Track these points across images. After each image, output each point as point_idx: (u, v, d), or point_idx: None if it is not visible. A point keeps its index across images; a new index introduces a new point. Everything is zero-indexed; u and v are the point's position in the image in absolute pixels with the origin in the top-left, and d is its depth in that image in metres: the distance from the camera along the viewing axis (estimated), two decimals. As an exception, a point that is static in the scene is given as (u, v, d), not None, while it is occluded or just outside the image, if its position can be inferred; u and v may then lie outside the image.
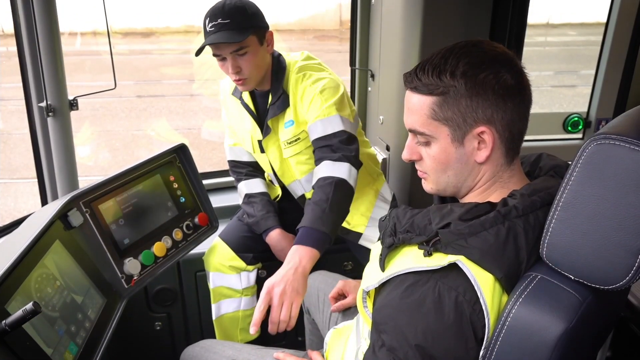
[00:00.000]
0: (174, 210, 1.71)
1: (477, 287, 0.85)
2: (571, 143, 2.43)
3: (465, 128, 0.93)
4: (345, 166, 1.62)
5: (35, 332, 1.09)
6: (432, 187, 1.03)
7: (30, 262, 1.16)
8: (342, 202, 1.59)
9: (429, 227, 0.92)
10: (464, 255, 0.87)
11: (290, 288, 1.36)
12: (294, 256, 1.42)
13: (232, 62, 1.67)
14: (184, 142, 1.78)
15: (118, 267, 1.48)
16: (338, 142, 1.65)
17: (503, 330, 0.84)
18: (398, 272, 0.92)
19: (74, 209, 1.40)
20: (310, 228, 1.48)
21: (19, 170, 5.65)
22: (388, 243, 0.96)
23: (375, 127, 2.37)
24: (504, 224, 0.89)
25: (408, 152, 1.01)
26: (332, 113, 1.68)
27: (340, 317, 1.57)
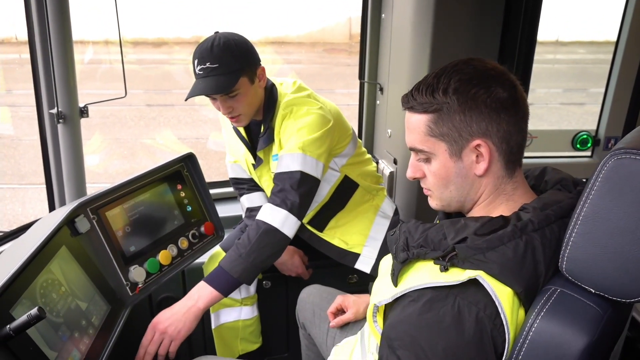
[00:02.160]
0: (180, 218, 1.71)
1: (497, 302, 0.85)
2: (580, 161, 2.42)
3: (461, 142, 0.95)
4: (281, 213, 1.59)
5: (39, 338, 1.09)
6: (437, 204, 1.05)
7: (36, 267, 1.17)
8: (264, 251, 1.55)
9: (444, 242, 0.93)
10: (483, 270, 0.88)
11: (173, 327, 1.43)
12: (194, 293, 1.50)
13: (224, 103, 1.66)
14: (192, 152, 1.78)
15: (123, 274, 1.48)
16: (288, 185, 1.61)
17: (525, 344, 0.84)
18: (414, 287, 0.92)
19: (81, 215, 1.40)
20: (222, 269, 1.53)
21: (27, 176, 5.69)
22: (402, 258, 0.96)
23: (383, 141, 2.38)
24: (521, 238, 0.90)
25: (412, 171, 1.04)
26: (297, 151, 1.64)
27: (338, 332, 1.56)
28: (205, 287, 1.50)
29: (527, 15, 1.84)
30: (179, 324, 1.44)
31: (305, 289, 1.77)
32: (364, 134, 2.53)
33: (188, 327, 1.45)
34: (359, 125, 2.56)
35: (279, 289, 2.13)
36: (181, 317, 1.44)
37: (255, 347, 2.04)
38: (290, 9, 10.99)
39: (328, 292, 1.72)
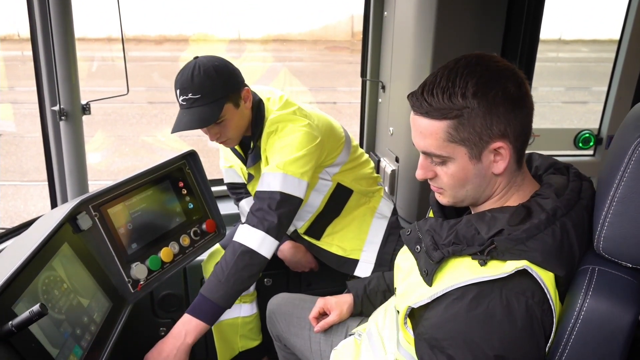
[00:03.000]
0: (182, 216, 1.71)
1: (545, 289, 0.89)
2: (582, 159, 2.42)
3: (481, 145, 0.95)
4: (259, 235, 1.55)
5: (41, 334, 1.09)
6: (448, 201, 1.04)
7: (38, 264, 1.17)
8: (242, 274, 1.52)
9: (477, 236, 0.94)
10: (526, 259, 0.90)
11: None
12: (180, 330, 1.47)
13: (210, 130, 1.64)
14: (193, 149, 1.79)
15: (125, 271, 1.49)
16: (267, 205, 1.58)
17: (577, 324, 0.88)
18: (456, 285, 0.92)
19: (83, 212, 1.40)
20: (204, 297, 1.50)
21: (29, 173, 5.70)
22: (437, 257, 0.96)
23: (385, 139, 2.37)
24: (556, 224, 0.93)
25: (422, 172, 1.02)
26: (278, 170, 1.60)
27: (322, 337, 1.55)
28: (190, 321, 1.47)
29: (529, 13, 1.84)
30: None
31: (272, 301, 1.75)
32: (366, 131, 2.53)
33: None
34: (361, 123, 2.55)
35: (280, 286, 2.14)
36: (174, 358, 1.44)
37: (255, 344, 2.04)
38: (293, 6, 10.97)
39: (298, 298, 1.71)
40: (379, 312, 1.34)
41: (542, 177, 1.08)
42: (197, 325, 1.47)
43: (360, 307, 1.54)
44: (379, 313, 1.32)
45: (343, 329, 1.53)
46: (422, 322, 0.97)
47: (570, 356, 0.89)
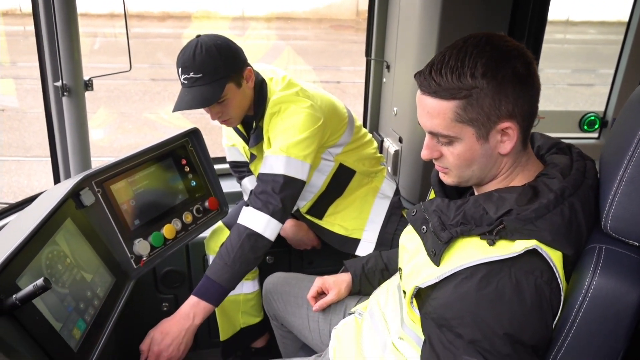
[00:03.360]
0: (184, 193, 1.72)
1: (554, 267, 0.90)
2: (587, 142, 2.41)
3: (489, 125, 0.94)
4: (264, 218, 1.55)
5: (45, 308, 1.10)
6: (453, 181, 1.04)
7: (42, 239, 1.18)
8: (248, 257, 1.54)
9: (486, 216, 0.94)
10: (535, 238, 0.91)
11: (176, 350, 1.44)
12: (188, 312, 1.48)
13: (212, 109, 1.63)
14: (196, 127, 1.78)
15: (128, 247, 1.50)
16: (270, 188, 1.58)
17: (585, 302, 0.90)
18: (465, 265, 0.93)
19: (86, 188, 1.41)
20: (210, 279, 1.51)
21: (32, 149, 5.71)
22: (445, 238, 0.96)
23: (389, 119, 2.36)
24: (564, 204, 0.93)
25: (428, 152, 1.01)
26: (281, 153, 1.59)
27: (321, 315, 1.57)
28: (198, 303, 1.49)
29: (538, -7, 1.81)
30: (181, 345, 1.45)
31: (268, 280, 1.76)
32: (370, 111, 2.52)
33: (188, 344, 1.47)
34: (365, 103, 2.54)
35: (281, 264, 2.15)
36: (182, 340, 1.45)
37: (257, 320, 2.07)
38: (297, -17, 10.85)
39: (294, 277, 1.72)
40: (380, 291, 1.35)
41: (544, 157, 1.08)
42: (204, 307, 1.49)
43: (358, 286, 1.55)
44: (381, 292, 1.33)
45: (341, 308, 1.54)
46: (429, 301, 0.98)
47: (577, 333, 0.90)
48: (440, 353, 0.94)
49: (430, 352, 0.97)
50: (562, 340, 0.92)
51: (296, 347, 1.72)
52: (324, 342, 1.53)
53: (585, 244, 0.96)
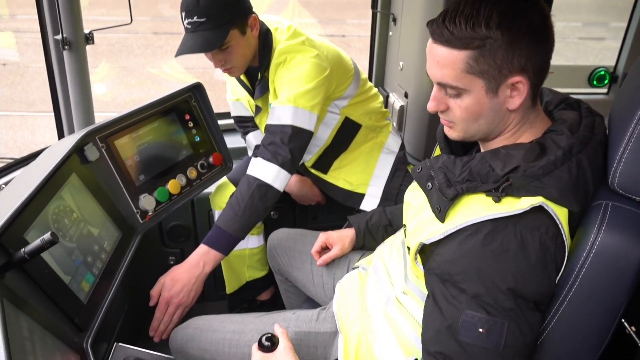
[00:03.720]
0: (189, 148, 1.71)
1: (559, 224, 0.90)
2: (595, 98, 2.37)
3: (500, 79, 0.92)
4: (273, 169, 1.56)
5: (54, 262, 1.12)
6: (458, 135, 1.03)
7: (48, 193, 1.19)
8: (258, 207, 1.54)
9: (492, 173, 0.93)
10: (542, 195, 0.90)
11: (185, 297, 1.46)
12: (199, 260, 1.50)
13: (215, 56, 1.60)
14: (199, 82, 1.76)
15: (133, 202, 1.51)
16: (279, 139, 1.57)
17: (589, 258, 0.90)
18: (470, 221, 0.93)
19: (90, 143, 1.41)
20: (220, 229, 1.52)
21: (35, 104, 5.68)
22: (451, 194, 0.96)
23: (395, 73, 2.33)
24: (572, 161, 0.93)
25: (435, 104, 0.99)
26: (288, 103, 1.58)
27: (325, 270, 1.59)
28: (208, 252, 1.50)
29: (551, -59, 1.75)
30: (191, 292, 1.48)
31: (272, 236, 1.78)
32: (375, 66, 2.48)
33: (198, 291, 1.50)
34: (370, 57, 2.50)
35: (286, 219, 2.17)
36: (192, 287, 1.47)
37: (262, 274, 2.10)
38: None
39: (298, 233, 1.73)
40: (384, 246, 1.36)
41: (552, 112, 1.06)
42: (214, 255, 1.51)
43: (362, 242, 1.56)
44: (385, 248, 1.34)
45: (345, 263, 1.56)
46: (433, 257, 0.98)
47: (579, 288, 0.91)
48: (443, 307, 0.95)
49: (433, 307, 0.98)
50: (565, 295, 0.93)
51: (300, 300, 1.76)
52: (327, 296, 1.56)
53: (592, 201, 0.96)
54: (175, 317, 1.46)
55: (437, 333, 0.96)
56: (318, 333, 1.31)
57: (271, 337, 1.15)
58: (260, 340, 1.15)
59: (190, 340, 1.39)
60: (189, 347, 1.38)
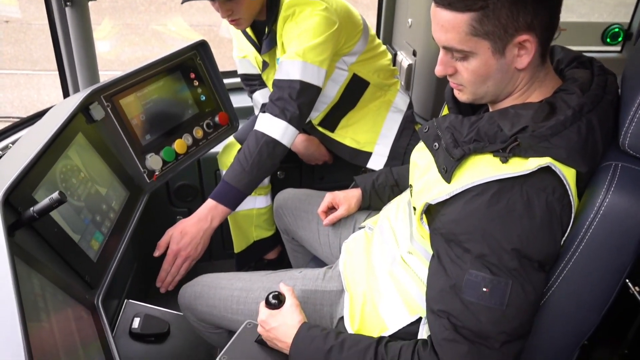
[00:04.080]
0: (194, 108, 1.70)
1: (567, 185, 0.90)
2: (608, 56, 2.32)
3: (506, 39, 0.90)
4: (281, 125, 1.54)
5: (63, 220, 1.13)
6: (467, 98, 1.01)
7: (55, 153, 1.19)
8: (266, 163, 1.54)
9: (500, 133, 0.92)
10: (550, 156, 0.89)
11: (193, 250, 1.47)
12: (207, 215, 1.50)
13: (222, 6, 1.56)
14: (204, 39, 1.73)
15: (140, 162, 1.51)
16: (287, 95, 1.55)
17: (596, 219, 0.90)
18: (476, 182, 0.92)
19: (95, 102, 1.40)
20: (228, 184, 1.51)
21: (40, 62, 5.63)
22: (458, 155, 0.95)
23: (403, 31, 2.28)
24: (582, 120, 0.91)
25: (442, 68, 0.98)
26: (297, 58, 1.55)
27: (331, 230, 1.60)
28: (216, 207, 1.51)
29: None
30: (199, 246, 1.49)
31: (279, 196, 1.78)
32: (383, 23, 2.42)
33: (205, 245, 1.51)
34: (378, 14, 2.44)
35: (293, 179, 2.17)
36: (199, 240, 1.49)
37: (269, 234, 2.12)
38: None
39: (304, 193, 1.73)
40: (390, 206, 1.36)
41: (564, 71, 1.04)
42: (222, 210, 1.52)
43: (368, 202, 1.57)
44: (391, 208, 1.34)
45: (351, 223, 1.57)
46: (438, 217, 0.98)
47: (585, 249, 0.91)
48: (448, 267, 0.96)
49: (437, 266, 0.99)
50: (570, 256, 0.93)
51: (306, 260, 1.78)
52: (333, 255, 1.58)
53: (601, 161, 0.95)
54: (183, 269, 1.49)
55: (441, 292, 0.97)
56: (324, 291, 1.32)
57: (278, 295, 1.17)
58: (268, 298, 1.17)
59: (198, 297, 1.41)
60: (197, 303, 1.41)
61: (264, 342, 1.18)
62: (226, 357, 1.14)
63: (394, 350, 1.01)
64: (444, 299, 0.96)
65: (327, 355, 1.04)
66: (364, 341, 1.05)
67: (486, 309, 0.91)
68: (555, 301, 0.96)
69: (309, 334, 1.09)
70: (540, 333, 0.98)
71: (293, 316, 1.14)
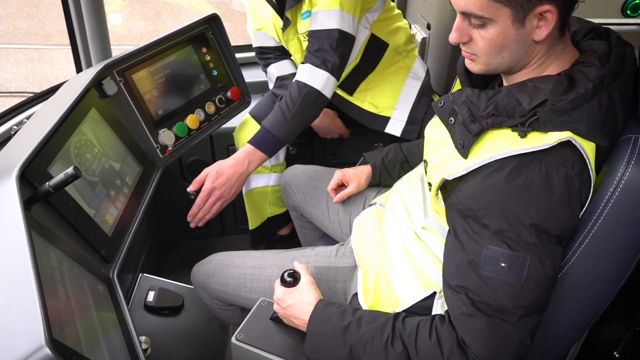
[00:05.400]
0: (206, 83, 1.69)
1: (587, 159, 0.89)
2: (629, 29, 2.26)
3: (527, 8, 0.87)
4: (323, 75, 1.55)
5: (78, 195, 1.14)
6: (480, 68, 0.99)
7: (69, 128, 1.19)
8: (307, 113, 1.55)
9: (519, 107, 0.91)
10: (570, 130, 0.88)
11: (227, 191, 1.51)
12: (244, 159, 1.53)
13: None
14: (216, 13, 1.71)
15: (153, 137, 1.52)
16: (327, 45, 1.55)
17: (616, 192, 0.89)
18: (495, 157, 0.91)
19: (107, 77, 1.40)
20: (268, 132, 1.53)
21: (52, 37, 5.63)
22: (476, 130, 0.94)
23: (416, 3, 2.23)
24: (602, 94, 0.90)
25: (457, 35, 0.95)
26: (334, 7, 1.54)
27: (340, 207, 1.59)
28: (254, 152, 1.53)
29: None
30: (233, 188, 1.53)
31: (286, 172, 1.77)
32: (397, -5, 2.38)
33: (239, 188, 1.55)
34: (392, -14, 2.39)
35: (305, 155, 2.17)
36: (234, 182, 1.52)
37: (283, 210, 2.13)
38: None
39: (312, 170, 1.72)
40: (402, 183, 1.36)
41: (580, 42, 1.01)
42: (260, 156, 1.54)
43: (378, 178, 1.56)
44: (403, 184, 1.34)
45: (361, 200, 1.57)
46: (455, 193, 0.98)
47: (604, 223, 0.91)
48: (465, 242, 0.96)
49: (454, 242, 0.99)
50: (589, 230, 0.92)
51: (315, 237, 1.78)
52: (344, 232, 1.58)
53: (620, 135, 0.94)
54: (215, 209, 1.52)
55: (458, 267, 0.97)
56: (338, 268, 1.33)
57: (293, 273, 1.17)
58: (283, 276, 1.17)
59: (211, 275, 1.42)
60: (210, 281, 1.42)
61: (279, 320, 1.18)
62: (242, 334, 1.15)
63: (412, 325, 1.02)
64: (462, 274, 0.96)
65: (344, 332, 1.05)
66: (381, 317, 1.06)
67: (505, 283, 0.92)
68: (573, 275, 0.96)
69: (325, 310, 1.09)
70: (556, 306, 0.99)
71: (309, 293, 1.14)
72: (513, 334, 0.92)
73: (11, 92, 4.78)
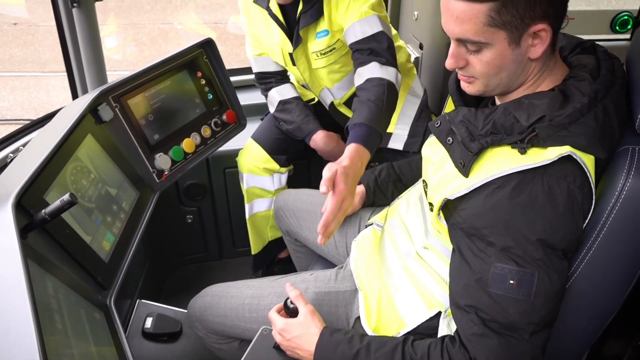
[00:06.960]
0: (202, 107, 1.70)
1: (587, 172, 0.90)
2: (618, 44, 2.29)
3: (522, 28, 0.89)
4: (392, 71, 1.56)
5: (74, 222, 1.14)
6: (478, 90, 1.00)
7: (65, 154, 1.19)
8: (392, 106, 1.53)
9: (517, 125, 0.92)
10: (569, 144, 0.89)
11: (353, 192, 1.27)
12: (358, 159, 1.30)
13: None
14: (210, 37, 1.73)
15: (149, 162, 1.52)
16: (380, 47, 1.57)
17: (618, 203, 0.91)
18: (496, 174, 0.92)
19: (103, 103, 1.40)
20: (369, 126, 1.37)
21: (48, 64, 5.67)
22: (476, 149, 0.94)
23: (409, 24, 2.26)
24: (598, 107, 0.91)
25: (454, 61, 0.96)
26: (370, 13, 1.58)
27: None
28: (363, 151, 1.32)
29: None
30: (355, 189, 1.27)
31: (279, 197, 1.76)
32: (389, 15, 2.40)
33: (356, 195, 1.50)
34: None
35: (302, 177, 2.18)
36: (353, 183, 1.26)
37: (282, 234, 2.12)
38: None
39: (305, 193, 1.71)
40: (400, 202, 1.35)
41: (567, 58, 1.03)
42: (366, 153, 1.33)
43: (372, 198, 1.55)
44: (401, 204, 1.33)
45: (356, 220, 1.55)
46: (457, 212, 0.98)
47: (607, 234, 0.91)
48: (471, 261, 0.96)
49: (460, 261, 0.98)
50: (592, 241, 0.93)
51: (310, 260, 1.76)
52: (340, 254, 1.56)
53: (617, 146, 0.95)
54: (343, 216, 1.24)
55: (466, 287, 0.96)
56: (338, 292, 1.32)
57: None
58: (286, 303, 1.15)
59: (208, 308, 1.40)
60: (207, 314, 1.39)
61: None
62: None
63: (422, 348, 1.00)
64: (470, 294, 0.96)
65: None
66: (390, 342, 1.04)
67: (514, 300, 0.91)
68: (578, 287, 0.96)
69: (332, 339, 1.08)
70: (562, 319, 0.98)
71: (313, 323, 1.12)
72: (525, 351, 0.92)
73: (7, 119, 4.79)
